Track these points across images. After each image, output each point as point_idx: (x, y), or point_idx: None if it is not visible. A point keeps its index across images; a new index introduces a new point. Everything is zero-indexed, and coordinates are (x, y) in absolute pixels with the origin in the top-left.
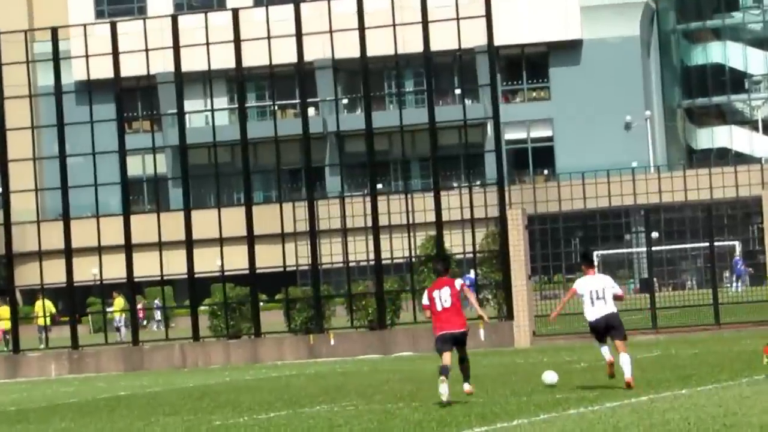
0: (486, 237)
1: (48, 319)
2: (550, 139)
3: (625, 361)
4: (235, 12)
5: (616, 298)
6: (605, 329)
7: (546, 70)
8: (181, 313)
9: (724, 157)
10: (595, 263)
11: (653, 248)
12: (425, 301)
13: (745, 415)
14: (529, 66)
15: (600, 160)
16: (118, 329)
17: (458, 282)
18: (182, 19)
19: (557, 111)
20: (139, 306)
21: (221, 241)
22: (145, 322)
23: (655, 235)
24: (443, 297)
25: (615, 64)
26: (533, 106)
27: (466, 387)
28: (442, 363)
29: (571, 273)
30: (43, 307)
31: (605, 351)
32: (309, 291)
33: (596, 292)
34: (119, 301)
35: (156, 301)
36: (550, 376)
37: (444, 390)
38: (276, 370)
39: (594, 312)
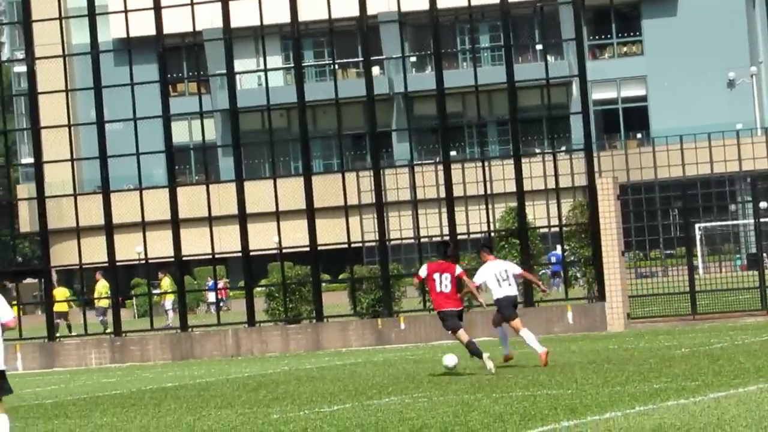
0: (573, 209)
1: (107, 302)
2: (643, 98)
3: (530, 338)
4: None
5: (520, 276)
6: (513, 306)
7: (638, 22)
8: (235, 295)
9: None
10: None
11: (762, 220)
12: (423, 273)
13: None
14: (619, 17)
15: (700, 121)
16: (165, 313)
17: (458, 269)
18: None
19: (651, 68)
20: (220, 285)
21: (278, 216)
22: (221, 305)
23: (763, 205)
24: (444, 282)
25: (716, 13)
26: (624, 62)
27: (488, 363)
28: (466, 342)
29: (669, 248)
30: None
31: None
32: (376, 270)
33: (500, 274)
34: (166, 282)
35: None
36: (448, 359)
37: (491, 365)
38: (340, 357)
39: (501, 291)
